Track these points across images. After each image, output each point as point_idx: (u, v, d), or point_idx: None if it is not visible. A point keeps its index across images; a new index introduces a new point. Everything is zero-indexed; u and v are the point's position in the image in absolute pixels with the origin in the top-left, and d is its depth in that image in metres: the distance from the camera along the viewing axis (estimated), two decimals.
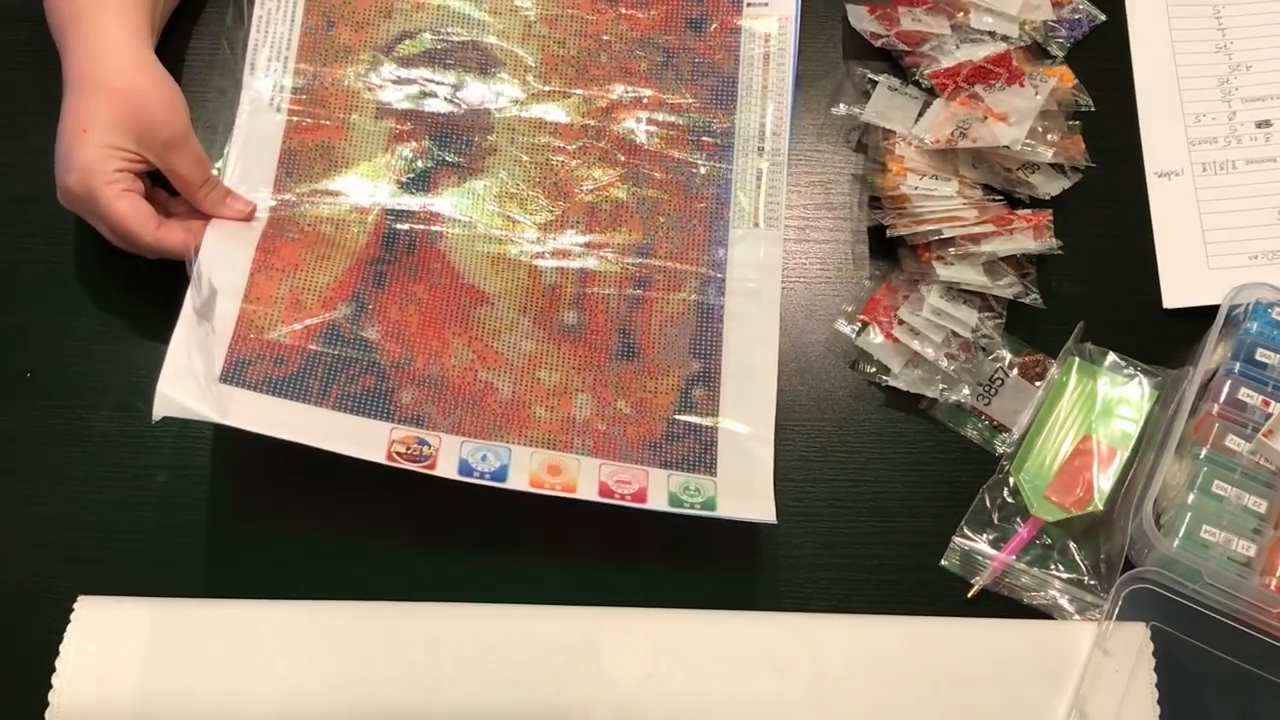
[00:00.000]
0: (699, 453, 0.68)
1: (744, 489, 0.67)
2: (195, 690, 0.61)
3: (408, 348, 0.68)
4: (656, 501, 0.65)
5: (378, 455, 0.63)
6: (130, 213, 0.66)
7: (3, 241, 0.74)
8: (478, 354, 0.69)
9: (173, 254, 0.67)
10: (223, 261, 0.68)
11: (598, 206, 0.73)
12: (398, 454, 0.64)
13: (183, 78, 0.77)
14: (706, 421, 0.69)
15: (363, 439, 0.64)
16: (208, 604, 0.64)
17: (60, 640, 0.62)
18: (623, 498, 0.65)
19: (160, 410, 0.61)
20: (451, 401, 0.67)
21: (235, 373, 0.65)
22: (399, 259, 0.71)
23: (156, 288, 0.71)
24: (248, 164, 0.72)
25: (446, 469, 0.64)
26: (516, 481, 0.64)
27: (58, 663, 0.61)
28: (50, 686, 0.61)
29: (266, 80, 0.74)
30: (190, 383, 0.63)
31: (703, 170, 0.74)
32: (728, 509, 0.65)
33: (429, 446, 0.65)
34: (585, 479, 0.65)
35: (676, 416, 0.69)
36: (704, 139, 0.75)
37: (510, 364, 0.69)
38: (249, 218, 0.70)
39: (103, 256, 0.73)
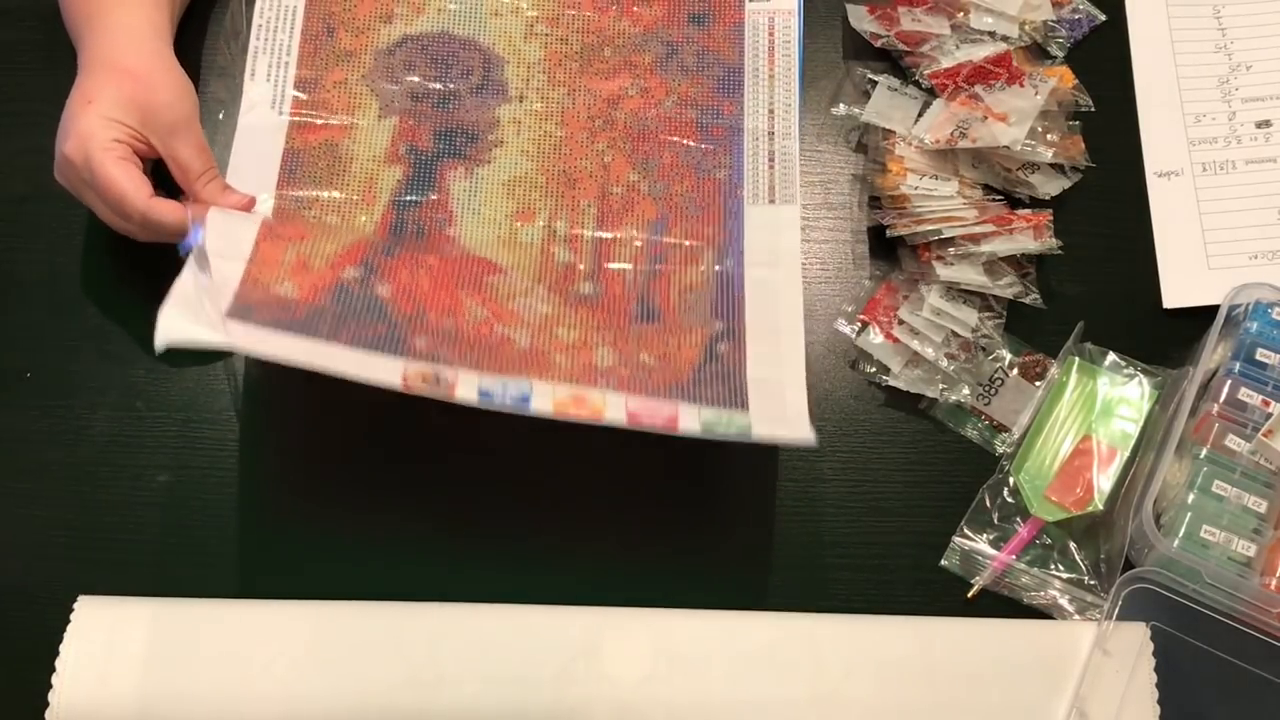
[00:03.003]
0: (727, 395, 0.66)
1: (778, 418, 0.65)
2: (195, 690, 0.61)
3: (419, 305, 0.66)
4: (689, 426, 0.62)
5: (393, 380, 0.60)
6: (122, 177, 0.64)
7: (3, 241, 0.74)
8: (493, 312, 0.67)
9: (164, 230, 0.65)
10: (226, 231, 0.66)
11: (608, 190, 0.73)
12: (413, 384, 0.61)
13: None
14: (734, 370, 0.67)
15: (376, 368, 0.61)
16: (208, 604, 0.64)
17: (60, 640, 0.62)
18: (653, 421, 0.61)
19: (163, 337, 0.57)
20: (467, 348, 0.64)
21: (241, 313, 0.62)
22: (407, 241, 0.70)
23: (157, 288, 0.70)
24: (249, 166, 0.72)
25: (466, 395, 0.60)
26: (540, 406, 0.61)
27: (58, 663, 0.61)
28: (50, 686, 0.61)
29: (267, 87, 0.74)
30: (194, 313, 0.59)
31: (713, 154, 0.74)
32: (763, 432, 0.63)
33: (445, 381, 0.61)
34: (612, 408, 0.62)
35: (703, 365, 0.67)
36: (712, 125, 0.75)
37: (526, 322, 0.67)
38: (248, 209, 0.69)
39: (104, 256, 0.73)
